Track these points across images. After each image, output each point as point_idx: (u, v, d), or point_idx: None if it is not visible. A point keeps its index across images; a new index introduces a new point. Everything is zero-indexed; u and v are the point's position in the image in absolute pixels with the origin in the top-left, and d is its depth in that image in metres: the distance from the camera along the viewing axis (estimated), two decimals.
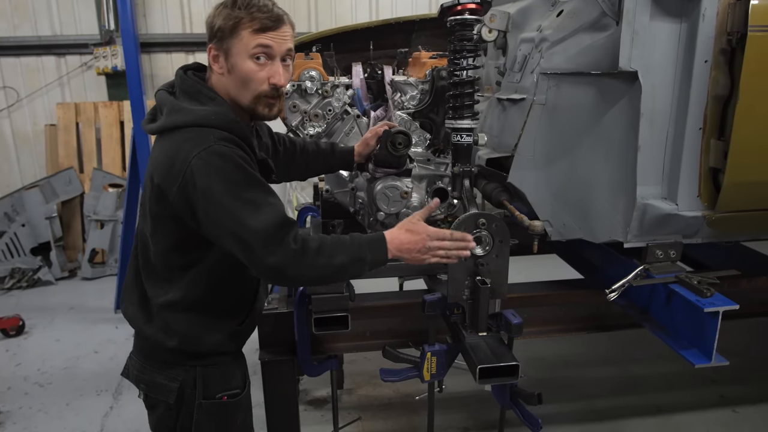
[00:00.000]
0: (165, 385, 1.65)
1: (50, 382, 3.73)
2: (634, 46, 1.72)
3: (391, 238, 1.58)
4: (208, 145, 1.43)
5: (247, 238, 1.42)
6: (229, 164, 1.43)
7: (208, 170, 1.41)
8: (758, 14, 1.66)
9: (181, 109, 1.51)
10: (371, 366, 3.67)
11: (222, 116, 1.50)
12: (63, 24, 5.99)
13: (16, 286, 5.32)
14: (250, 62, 1.50)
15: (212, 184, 1.41)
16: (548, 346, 3.90)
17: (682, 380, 3.55)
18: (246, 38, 1.48)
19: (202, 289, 1.60)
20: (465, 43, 1.91)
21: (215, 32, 1.51)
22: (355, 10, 6.44)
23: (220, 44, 1.51)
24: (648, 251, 1.95)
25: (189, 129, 1.47)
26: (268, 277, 1.55)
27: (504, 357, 1.71)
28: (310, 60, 2.36)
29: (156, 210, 1.54)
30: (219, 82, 1.57)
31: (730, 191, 1.82)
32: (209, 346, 1.65)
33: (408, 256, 1.59)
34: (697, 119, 1.80)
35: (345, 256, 1.51)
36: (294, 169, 2.05)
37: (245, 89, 1.53)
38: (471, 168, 1.96)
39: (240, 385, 1.73)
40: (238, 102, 1.56)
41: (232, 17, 1.48)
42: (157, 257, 1.61)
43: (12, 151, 6.20)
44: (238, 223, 1.41)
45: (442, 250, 1.61)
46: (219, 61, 1.53)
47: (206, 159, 1.42)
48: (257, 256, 1.43)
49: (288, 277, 1.49)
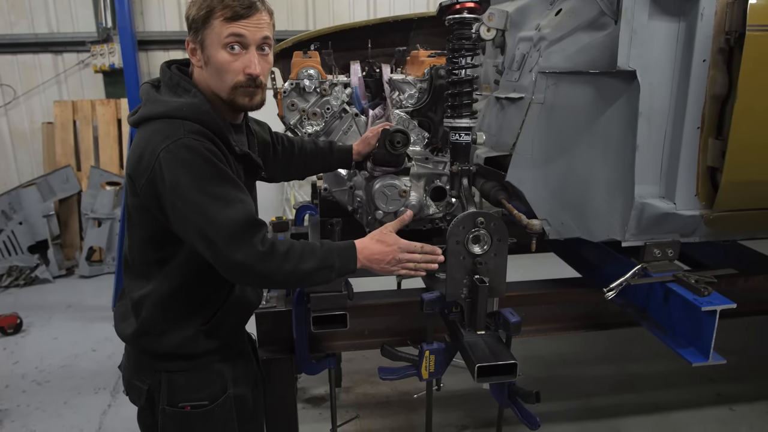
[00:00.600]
0: (137, 386, 1.66)
1: (48, 380, 3.73)
2: (633, 45, 1.72)
3: (362, 247, 1.58)
4: (177, 137, 1.40)
5: (211, 234, 1.39)
6: (198, 158, 1.40)
7: (176, 163, 1.39)
8: (756, 14, 1.66)
9: (157, 101, 1.50)
10: (369, 364, 3.68)
11: (194, 108, 1.47)
12: (60, 22, 5.98)
13: (13, 284, 5.32)
14: (224, 52, 1.46)
15: (179, 178, 1.39)
16: (546, 344, 3.91)
17: (680, 378, 3.56)
18: (218, 27, 1.44)
19: (172, 285, 1.57)
20: (463, 42, 1.91)
21: (190, 24, 1.49)
22: (352, 8, 6.43)
23: (195, 36, 1.48)
24: (646, 250, 1.95)
25: (160, 120, 1.45)
26: (233, 275, 1.49)
27: (502, 355, 1.71)
28: (309, 58, 2.35)
29: (131, 202, 1.53)
30: (200, 76, 1.54)
31: (728, 190, 1.82)
32: (167, 347, 1.61)
33: (377, 266, 1.60)
34: (695, 118, 1.80)
35: (313, 263, 1.49)
36: (292, 168, 2.05)
37: (221, 80, 1.50)
38: (469, 167, 1.96)
39: (211, 396, 1.66)
40: (218, 94, 1.53)
41: (204, 6, 1.44)
42: (134, 251, 1.61)
43: (9, 149, 6.18)
44: (204, 217, 1.39)
45: (411, 262, 1.62)
46: (196, 54, 1.50)
47: (174, 152, 1.39)
48: (222, 253, 1.40)
49: (253, 277, 1.46)
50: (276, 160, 1.97)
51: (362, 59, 2.67)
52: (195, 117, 1.45)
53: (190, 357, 1.64)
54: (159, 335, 1.61)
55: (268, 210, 5.99)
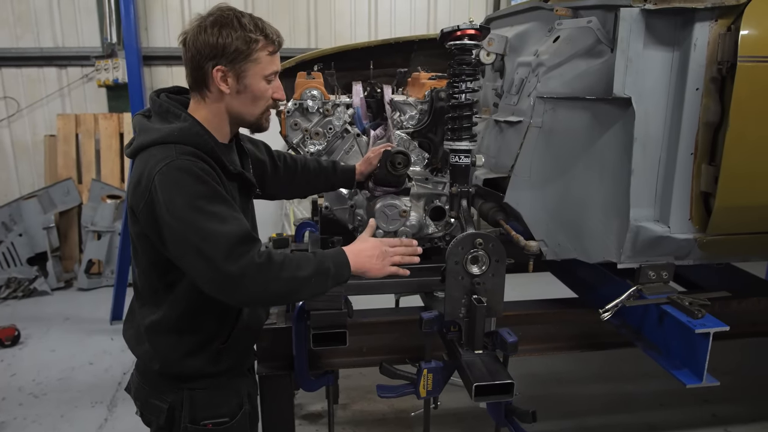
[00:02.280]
0: (156, 405, 1.67)
1: (45, 392, 3.72)
2: (628, 73, 1.77)
3: (350, 250, 1.62)
4: (170, 159, 1.44)
5: (209, 251, 1.39)
6: (190, 178, 1.43)
7: (170, 184, 1.42)
8: (747, 45, 1.72)
9: (149, 130, 1.54)
10: (366, 381, 3.68)
11: (185, 131, 1.50)
12: (65, 36, 6.04)
13: (11, 296, 5.32)
14: (264, 83, 1.57)
15: (174, 198, 1.41)
16: (541, 363, 3.92)
17: (675, 399, 3.57)
18: (264, 62, 1.54)
19: (181, 309, 1.58)
20: (464, 67, 1.96)
21: (229, 53, 1.50)
22: (354, 27, 6.52)
23: (232, 65, 1.51)
24: (641, 272, 1.99)
25: (154, 147, 1.49)
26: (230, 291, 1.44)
27: (499, 375, 1.74)
28: (312, 80, 2.40)
29: (132, 231, 1.57)
30: (217, 102, 1.57)
31: (721, 215, 1.87)
32: (192, 368, 1.64)
33: (368, 265, 1.62)
34: (688, 144, 1.85)
35: (309, 270, 1.50)
36: (295, 187, 2.08)
37: (255, 106, 1.59)
38: (469, 188, 2.00)
39: (230, 412, 1.69)
40: (241, 118, 1.60)
41: (251, 40, 1.50)
42: (141, 278, 1.64)
43: (11, 160, 6.21)
44: (200, 235, 1.40)
45: (397, 255, 1.66)
46: (227, 81, 1.53)
47: (166, 173, 1.43)
48: (221, 269, 1.40)
49: (252, 288, 1.44)
50: (277, 178, 2.00)
51: (364, 80, 2.73)
52: (186, 140, 1.49)
53: (212, 375, 1.67)
54: (178, 359, 1.63)
55: (267, 225, 6.01)
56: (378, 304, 2.48)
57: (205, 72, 1.52)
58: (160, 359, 1.64)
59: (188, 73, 1.57)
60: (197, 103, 1.60)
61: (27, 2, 5.89)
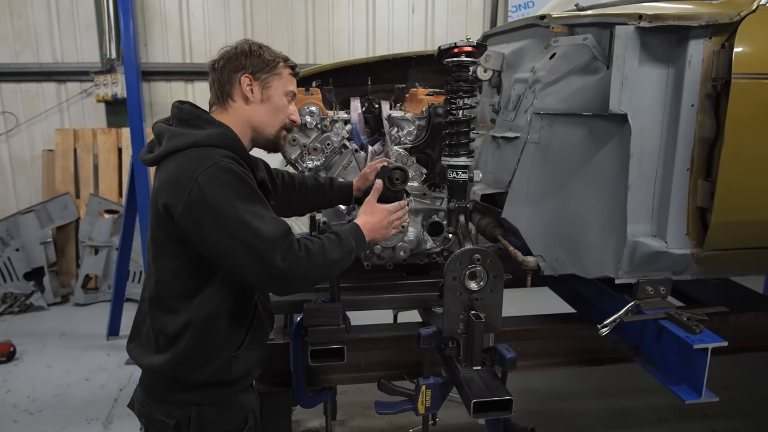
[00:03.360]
0: (162, 421, 1.65)
1: (40, 409, 3.69)
2: (624, 89, 1.79)
3: (363, 223, 1.80)
4: (213, 161, 1.50)
5: (260, 247, 1.48)
6: (237, 179, 1.51)
7: (217, 185, 1.48)
8: (741, 62, 1.74)
9: (182, 134, 1.58)
10: (364, 397, 3.66)
11: (223, 136, 1.59)
12: (64, 51, 6.08)
13: (7, 311, 5.28)
14: (285, 98, 1.74)
15: (222, 199, 1.47)
16: (539, 379, 3.90)
17: (674, 414, 3.56)
18: (286, 77, 1.73)
19: (206, 313, 1.61)
20: (461, 83, 1.98)
21: (257, 65, 1.67)
22: (352, 43, 6.58)
23: (259, 75, 1.68)
24: (639, 287, 1.99)
25: (191, 150, 1.53)
26: (278, 282, 1.57)
27: (498, 391, 1.73)
28: (311, 95, 2.41)
29: (159, 235, 1.58)
30: (241, 111, 1.69)
31: (717, 230, 1.87)
32: (206, 375, 1.64)
33: (379, 235, 1.84)
34: (684, 160, 1.86)
35: (339, 251, 1.66)
36: (293, 204, 2.09)
37: (275, 118, 1.73)
38: (466, 204, 2.01)
39: (237, 428, 1.70)
40: (263, 129, 1.72)
41: (277, 56, 1.71)
42: (160, 286, 1.63)
43: (8, 175, 6.22)
44: (251, 233, 1.48)
45: (397, 220, 1.89)
46: (254, 92, 1.68)
47: (213, 175, 1.48)
48: (271, 263, 1.49)
49: (296, 279, 1.56)
50: (276, 196, 2.01)
51: (362, 95, 2.74)
52: (224, 144, 1.57)
53: (222, 385, 1.67)
54: (196, 365, 1.63)
55: None
56: (375, 320, 2.47)
57: (233, 82, 1.67)
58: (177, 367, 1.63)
59: (215, 88, 1.71)
60: (219, 115, 1.69)
61: (27, 18, 5.94)
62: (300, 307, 2.07)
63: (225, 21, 6.27)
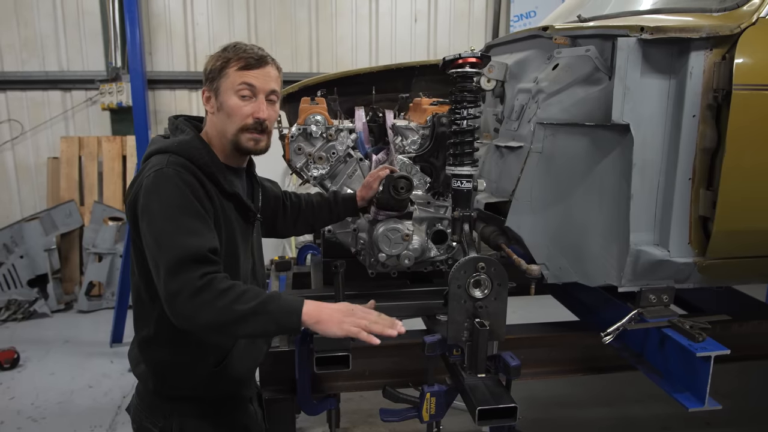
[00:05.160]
0: (148, 429, 1.67)
1: (44, 416, 3.70)
2: (626, 100, 1.81)
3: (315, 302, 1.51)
4: (159, 167, 1.52)
5: (160, 260, 1.42)
6: (170, 186, 1.49)
7: (151, 189, 1.49)
8: (742, 73, 1.76)
9: (155, 142, 1.64)
10: (367, 404, 3.67)
11: (183, 143, 1.59)
12: (70, 60, 6.13)
13: (11, 318, 5.31)
14: (235, 98, 1.61)
15: (151, 204, 1.48)
16: (542, 386, 3.90)
17: (677, 422, 3.55)
18: (232, 76, 1.61)
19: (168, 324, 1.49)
20: (466, 94, 2.00)
21: (207, 75, 1.65)
22: (355, 52, 6.62)
23: (211, 85, 1.64)
24: (641, 295, 2.01)
25: (153, 156, 1.58)
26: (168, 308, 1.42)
27: (502, 398, 1.74)
28: (316, 105, 2.44)
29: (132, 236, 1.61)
30: (210, 122, 1.69)
31: (720, 239, 1.89)
32: (186, 390, 1.62)
33: (326, 315, 1.49)
34: (686, 170, 1.88)
35: (249, 306, 1.41)
36: (301, 222, 2.13)
37: (230, 123, 1.63)
38: (470, 213, 2.03)
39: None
40: (225, 137, 1.65)
41: (222, 58, 1.62)
42: (133, 292, 1.67)
43: (13, 182, 6.25)
44: (159, 243, 1.44)
45: (365, 321, 1.52)
46: (211, 102, 1.66)
47: (152, 179, 1.50)
48: (162, 281, 1.41)
49: (181, 311, 1.40)
50: (286, 216, 2.08)
51: (366, 104, 2.77)
52: (182, 151, 1.57)
53: (203, 400, 1.65)
54: (172, 377, 1.62)
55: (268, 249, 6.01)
56: None
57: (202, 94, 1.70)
58: (154, 377, 1.63)
59: None
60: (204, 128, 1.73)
61: (33, 27, 6.00)
62: None
63: (229, 30, 6.32)
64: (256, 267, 1.86)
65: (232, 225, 1.66)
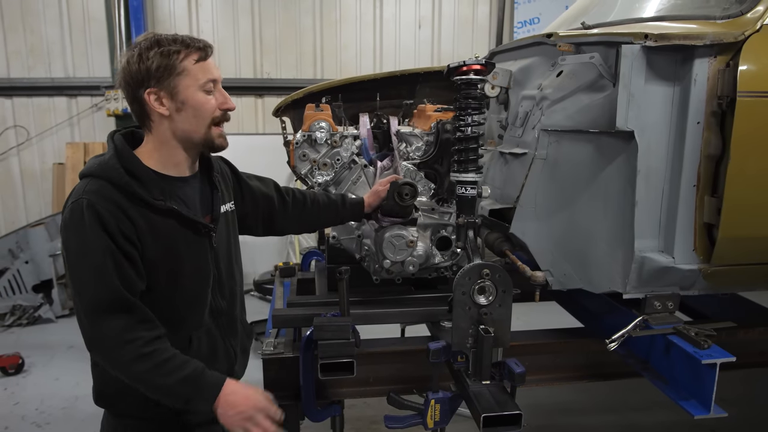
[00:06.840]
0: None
1: (48, 422, 3.70)
2: (630, 107, 1.82)
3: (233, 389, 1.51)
4: (76, 197, 1.44)
5: (75, 302, 1.44)
6: (84, 223, 1.41)
7: (68, 225, 1.44)
8: (746, 80, 1.76)
9: (87, 163, 1.55)
10: (371, 411, 3.66)
11: (102, 164, 1.48)
12: (76, 67, 6.18)
13: (16, 324, 5.32)
14: (202, 93, 1.52)
15: (68, 242, 1.45)
16: (547, 393, 3.89)
17: (682, 429, 3.53)
18: (193, 71, 1.49)
19: None
20: (470, 101, 2.01)
21: (152, 74, 1.46)
22: (359, 59, 6.65)
23: (161, 84, 1.47)
24: (646, 302, 2.01)
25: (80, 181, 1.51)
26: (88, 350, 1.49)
27: (507, 406, 1.74)
28: (321, 112, 2.45)
29: None
30: (163, 127, 1.52)
31: (724, 246, 1.89)
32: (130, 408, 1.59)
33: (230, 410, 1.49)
34: (691, 177, 1.88)
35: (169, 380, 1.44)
36: (304, 221, 2.11)
37: (199, 120, 1.53)
38: (475, 219, 2.03)
39: None
40: (192, 138, 1.54)
41: (171, 52, 1.47)
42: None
43: (19, 188, 6.29)
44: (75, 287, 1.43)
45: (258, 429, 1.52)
46: (164, 103, 1.49)
47: (69, 212, 1.44)
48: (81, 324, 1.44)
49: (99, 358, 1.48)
50: (286, 213, 2.04)
51: (371, 111, 2.78)
52: (100, 173, 1.46)
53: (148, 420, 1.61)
54: (116, 395, 1.58)
55: (272, 254, 6.04)
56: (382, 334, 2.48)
57: (141, 101, 1.50)
58: (98, 391, 1.63)
59: (131, 112, 1.55)
60: (146, 138, 1.57)
61: (39, 34, 6.05)
62: (309, 321, 2.09)
63: (234, 36, 6.36)
64: (223, 278, 1.72)
65: (174, 241, 1.54)
